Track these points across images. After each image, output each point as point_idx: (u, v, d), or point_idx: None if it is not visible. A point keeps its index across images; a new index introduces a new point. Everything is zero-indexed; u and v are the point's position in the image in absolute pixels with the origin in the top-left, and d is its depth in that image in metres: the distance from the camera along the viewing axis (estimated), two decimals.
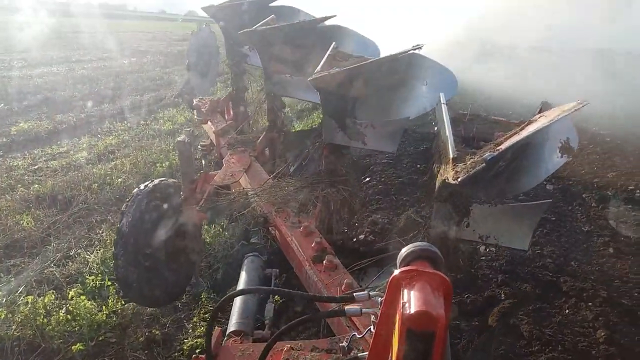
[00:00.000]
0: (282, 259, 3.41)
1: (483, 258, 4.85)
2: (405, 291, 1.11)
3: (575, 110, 1.92)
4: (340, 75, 2.65)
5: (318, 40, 3.61)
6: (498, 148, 1.89)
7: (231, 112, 5.79)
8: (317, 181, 3.18)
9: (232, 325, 2.70)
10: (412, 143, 8.35)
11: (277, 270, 3.45)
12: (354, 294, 1.74)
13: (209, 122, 5.54)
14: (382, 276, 2.69)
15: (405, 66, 2.73)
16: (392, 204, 6.06)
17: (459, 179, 1.83)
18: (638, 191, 6.55)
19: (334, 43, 3.07)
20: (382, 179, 6.89)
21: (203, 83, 5.57)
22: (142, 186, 3.73)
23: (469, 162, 1.87)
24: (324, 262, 2.73)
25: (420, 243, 1.26)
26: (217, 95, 7.38)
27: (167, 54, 23.28)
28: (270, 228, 3.47)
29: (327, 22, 3.83)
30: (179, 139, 3.57)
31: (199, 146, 5.76)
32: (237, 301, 2.89)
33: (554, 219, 5.83)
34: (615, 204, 6.22)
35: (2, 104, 10.84)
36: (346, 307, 1.78)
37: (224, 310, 3.97)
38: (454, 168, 1.92)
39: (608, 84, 12.69)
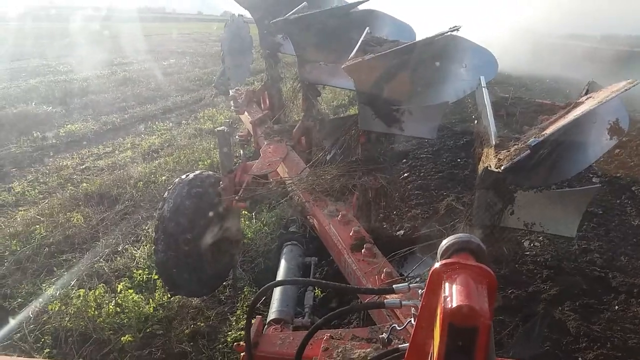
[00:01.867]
0: (321, 247, 3.42)
1: (527, 253, 4.75)
2: (447, 284, 1.08)
3: (626, 90, 1.83)
4: (374, 61, 2.61)
5: (352, 26, 3.55)
6: (543, 133, 1.82)
7: (267, 102, 5.81)
8: (354, 169, 3.15)
9: (272, 313, 2.73)
10: (451, 137, 8.23)
11: (316, 258, 3.46)
12: (394, 285, 1.72)
13: (245, 113, 5.57)
14: (421, 266, 2.66)
15: (442, 49, 2.66)
16: (432, 199, 5.99)
17: (502, 167, 1.76)
18: None
19: (367, 28, 3.01)
20: (422, 174, 6.82)
21: (238, 73, 5.58)
22: (183, 176, 3.81)
23: (512, 149, 1.81)
24: (363, 250, 2.70)
25: (462, 234, 1.21)
26: (252, 86, 7.41)
27: (205, 54, 23.71)
28: (308, 217, 3.48)
29: (361, 7, 3.73)
30: (218, 128, 3.60)
31: (236, 137, 5.78)
32: (277, 290, 2.91)
33: (601, 212, 5.64)
34: None
35: (51, 107, 11.30)
36: (385, 299, 1.76)
37: (264, 301, 4.07)
38: (496, 155, 1.85)
39: None
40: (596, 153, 2.04)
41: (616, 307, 3.95)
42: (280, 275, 3.19)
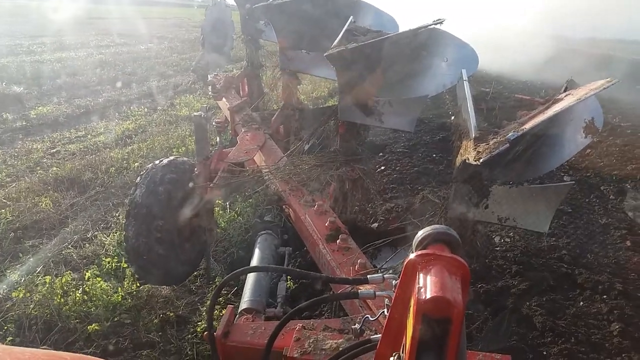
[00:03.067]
0: (296, 238, 3.39)
1: (497, 248, 4.82)
2: (421, 275, 1.07)
3: (604, 88, 1.85)
4: (357, 50, 2.59)
5: (335, 15, 3.51)
6: (522, 127, 1.83)
7: (246, 89, 5.73)
8: (332, 160, 3.14)
9: (244, 303, 2.70)
10: (428, 132, 8.28)
11: (291, 248, 3.43)
12: (368, 276, 1.71)
13: (223, 99, 5.49)
14: (395, 258, 2.67)
15: (425, 41, 2.65)
16: (407, 193, 6.03)
17: (481, 160, 1.77)
18: None
19: (351, 17, 2.99)
20: (397, 168, 6.85)
21: (218, 58, 5.50)
22: (157, 161, 3.75)
23: (491, 142, 1.82)
24: (338, 241, 2.70)
25: (437, 226, 1.21)
26: (232, 72, 7.31)
27: (185, 40, 23.32)
28: (284, 207, 3.44)
29: None
30: (195, 113, 3.53)
31: (213, 123, 5.69)
32: (250, 279, 2.89)
33: (570, 210, 5.76)
34: (634, 197, 6.10)
35: (22, 88, 10.98)
36: (359, 290, 1.75)
37: (236, 291, 4.04)
38: (475, 148, 1.86)
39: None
40: (571, 151, 2.07)
41: (581, 303, 4.04)
42: (254, 264, 3.16)
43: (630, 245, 4.99)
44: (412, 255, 1.13)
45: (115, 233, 4.99)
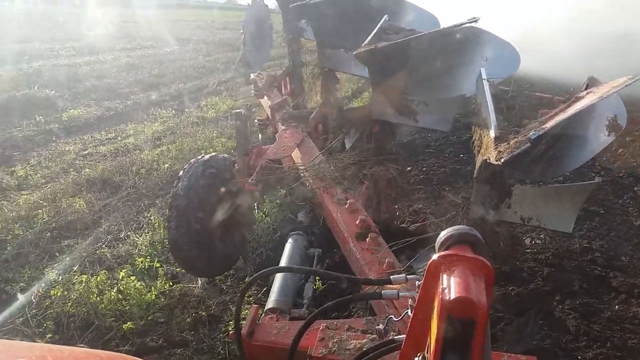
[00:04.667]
0: (329, 239, 3.40)
1: (528, 250, 4.75)
2: (445, 276, 1.08)
3: (626, 85, 1.82)
4: (387, 49, 2.59)
5: (373, 13, 3.45)
6: (543, 127, 1.81)
7: (288, 87, 5.78)
8: (366, 159, 3.14)
9: (270, 302, 2.71)
10: (454, 132, 8.19)
11: (320, 250, 3.43)
12: (391, 276, 1.73)
13: (265, 97, 5.55)
14: (420, 258, 2.66)
15: (462, 40, 2.63)
16: (434, 194, 5.99)
17: (502, 160, 1.76)
18: None
19: (385, 16, 2.99)
20: (424, 169, 6.81)
21: (258, 57, 5.56)
22: (199, 157, 3.85)
23: (512, 142, 1.80)
24: (367, 239, 2.71)
25: (460, 227, 1.21)
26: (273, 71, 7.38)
27: (209, 42, 23.58)
28: (317, 205, 3.46)
29: None
30: (236, 110, 3.62)
31: (255, 120, 5.75)
32: (277, 279, 2.90)
33: (602, 212, 5.64)
34: None
35: (53, 92, 11.26)
36: (383, 290, 1.77)
37: (262, 286, 4.08)
38: (496, 148, 1.85)
39: None
40: (594, 149, 2.05)
41: (616, 307, 3.96)
42: (283, 264, 3.18)
43: None
44: (435, 256, 1.14)
45: (148, 233, 5.09)
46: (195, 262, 3.80)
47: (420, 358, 1.20)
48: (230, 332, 2.14)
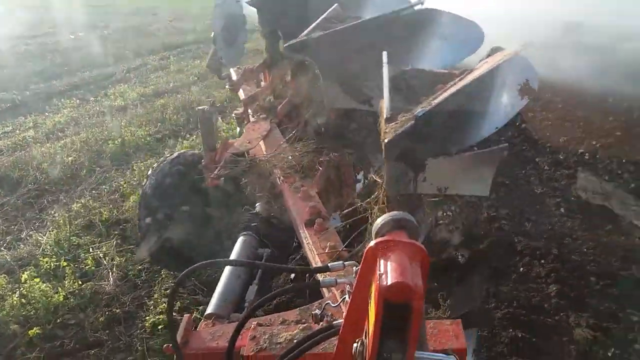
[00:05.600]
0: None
1: (440, 222, 4.95)
2: (382, 262, 1.09)
3: (516, 53, 1.89)
4: (324, 38, 2.54)
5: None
6: (432, 102, 1.86)
7: (265, 80, 5.64)
8: (322, 146, 3.14)
9: (208, 308, 2.58)
10: None
11: (270, 250, 3.33)
12: (329, 264, 1.74)
13: (240, 90, 5.44)
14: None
15: (411, 24, 2.60)
16: None
17: (387, 140, 1.83)
18: (587, 155, 6.81)
19: (336, 5, 2.92)
20: None
21: (231, 53, 5.37)
22: (167, 154, 4.07)
23: (400, 121, 1.85)
24: (314, 225, 2.72)
25: (396, 212, 1.23)
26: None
27: (118, 28, 22.32)
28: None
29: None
30: (199, 107, 3.73)
31: (233, 114, 5.75)
32: (220, 283, 2.77)
33: (508, 182, 6.00)
34: (584, 177, 6.30)
35: None
36: (321, 278, 1.77)
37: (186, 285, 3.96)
38: (386, 128, 1.90)
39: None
40: (508, 113, 2.04)
41: (521, 269, 4.24)
42: (228, 268, 3.00)
43: (565, 212, 5.27)
44: (372, 243, 1.16)
45: (52, 231, 4.75)
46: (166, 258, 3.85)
47: (359, 343, 1.21)
48: (164, 346, 2.02)
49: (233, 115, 5.75)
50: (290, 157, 3.29)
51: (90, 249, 4.58)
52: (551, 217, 5.21)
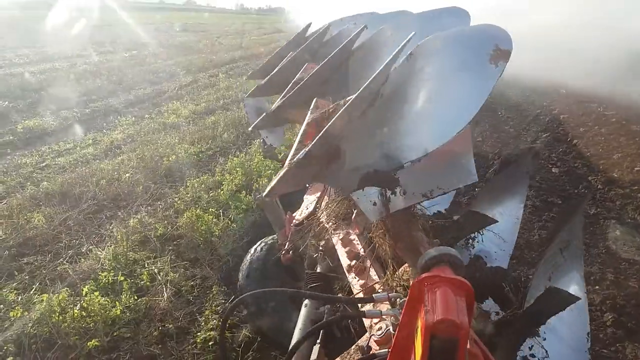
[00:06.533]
0: None
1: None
2: (428, 297, 1.14)
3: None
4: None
5: None
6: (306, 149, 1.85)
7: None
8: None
9: None
10: None
11: (329, 306, 3.31)
12: (373, 295, 1.79)
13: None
14: None
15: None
16: None
17: (264, 194, 1.93)
18: None
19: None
20: None
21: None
22: (251, 250, 4.11)
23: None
24: (352, 269, 2.72)
25: (441, 247, 1.27)
26: None
27: (169, 45, 23.22)
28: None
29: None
30: (257, 196, 3.85)
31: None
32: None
33: (560, 202, 5.84)
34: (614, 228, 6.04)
35: (7, 102, 10.88)
36: (366, 310, 1.83)
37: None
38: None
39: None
40: (488, 86, 1.67)
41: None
42: (296, 335, 2.99)
43: (620, 235, 5.07)
44: (418, 278, 1.21)
45: (110, 247, 4.98)
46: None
47: None
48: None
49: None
50: (331, 207, 3.24)
51: (146, 264, 4.76)
52: (606, 239, 5.03)
